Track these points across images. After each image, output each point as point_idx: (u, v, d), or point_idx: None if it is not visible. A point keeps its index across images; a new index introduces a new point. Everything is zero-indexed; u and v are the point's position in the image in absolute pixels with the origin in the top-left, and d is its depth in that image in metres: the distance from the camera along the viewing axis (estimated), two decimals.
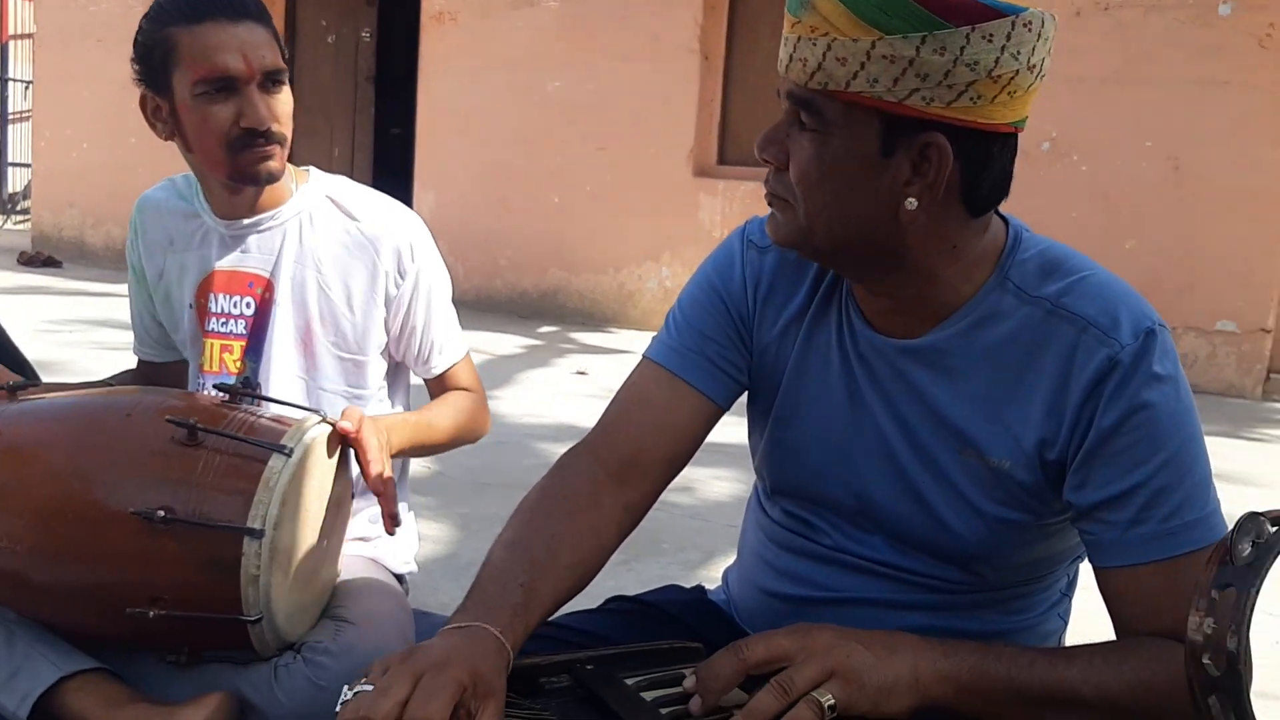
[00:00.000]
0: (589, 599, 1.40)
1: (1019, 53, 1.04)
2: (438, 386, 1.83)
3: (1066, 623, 1.34)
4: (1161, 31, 5.93)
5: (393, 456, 1.60)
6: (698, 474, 3.67)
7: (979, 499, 1.17)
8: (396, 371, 1.85)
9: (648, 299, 7.15)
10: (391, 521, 1.52)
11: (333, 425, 1.53)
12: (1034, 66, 1.06)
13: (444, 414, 1.76)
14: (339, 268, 1.72)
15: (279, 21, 8.59)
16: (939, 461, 1.18)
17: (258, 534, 1.39)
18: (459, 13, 7.69)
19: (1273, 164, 5.78)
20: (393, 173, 8.54)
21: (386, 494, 1.51)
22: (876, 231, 1.11)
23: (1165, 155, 5.96)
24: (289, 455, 1.44)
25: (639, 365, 1.32)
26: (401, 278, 1.73)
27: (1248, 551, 0.87)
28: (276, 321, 1.72)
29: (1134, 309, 1.12)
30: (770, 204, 1.18)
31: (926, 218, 1.10)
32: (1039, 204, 6.09)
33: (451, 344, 1.82)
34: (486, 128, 7.63)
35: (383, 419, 1.64)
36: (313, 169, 1.80)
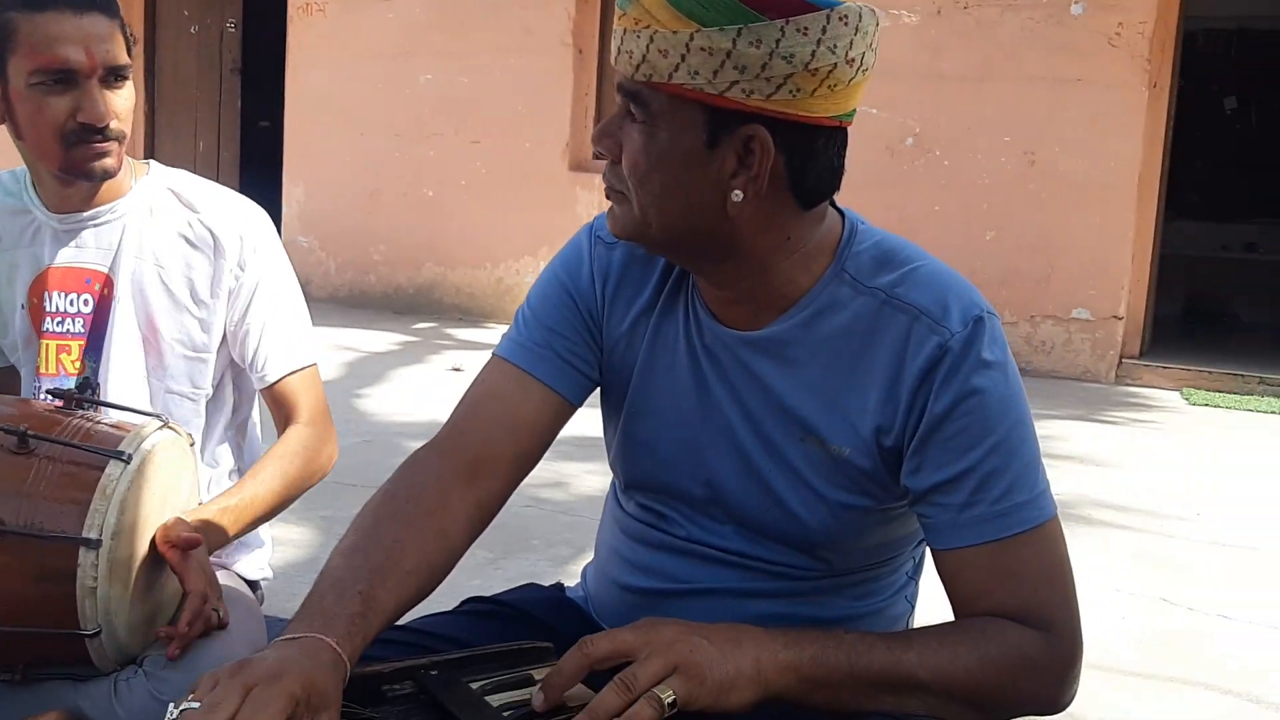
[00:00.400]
0: (450, 599, 1.39)
1: (835, 46, 1.05)
2: (272, 401, 1.73)
3: (914, 606, 1.36)
4: (1018, 30, 6.13)
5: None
6: (569, 469, 3.67)
7: (822, 486, 1.19)
8: (243, 373, 1.79)
9: (525, 294, 7.10)
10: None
11: (174, 430, 1.48)
12: (853, 60, 1.07)
13: (268, 479, 1.63)
14: (181, 262, 1.66)
15: (138, 11, 8.30)
16: (783, 450, 1.20)
17: (94, 544, 1.34)
18: (327, 3, 7.54)
19: (1123, 158, 6.03)
20: (261, 166, 8.33)
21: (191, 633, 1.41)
22: (707, 223, 1.12)
23: (1022, 150, 6.16)
24: (127, 462, 1.39)
25: (488, 363, 1.31)
26: (242, 270, 1.67)
27: None
28: (117, 319, 1.66)
29: (963, 297, 1.15)
30: (608, 197, 1.18)
31: (755, 209, 1.12)
32: (904, 197, 6.25)
33: (289, 351, 1.71)
34: (357, 120, 7.50)
35: (196, 516, 1.51)
36: (153, 162, 1.73)
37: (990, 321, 1.15)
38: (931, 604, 1.41)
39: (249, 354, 1.71)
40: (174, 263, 1.66)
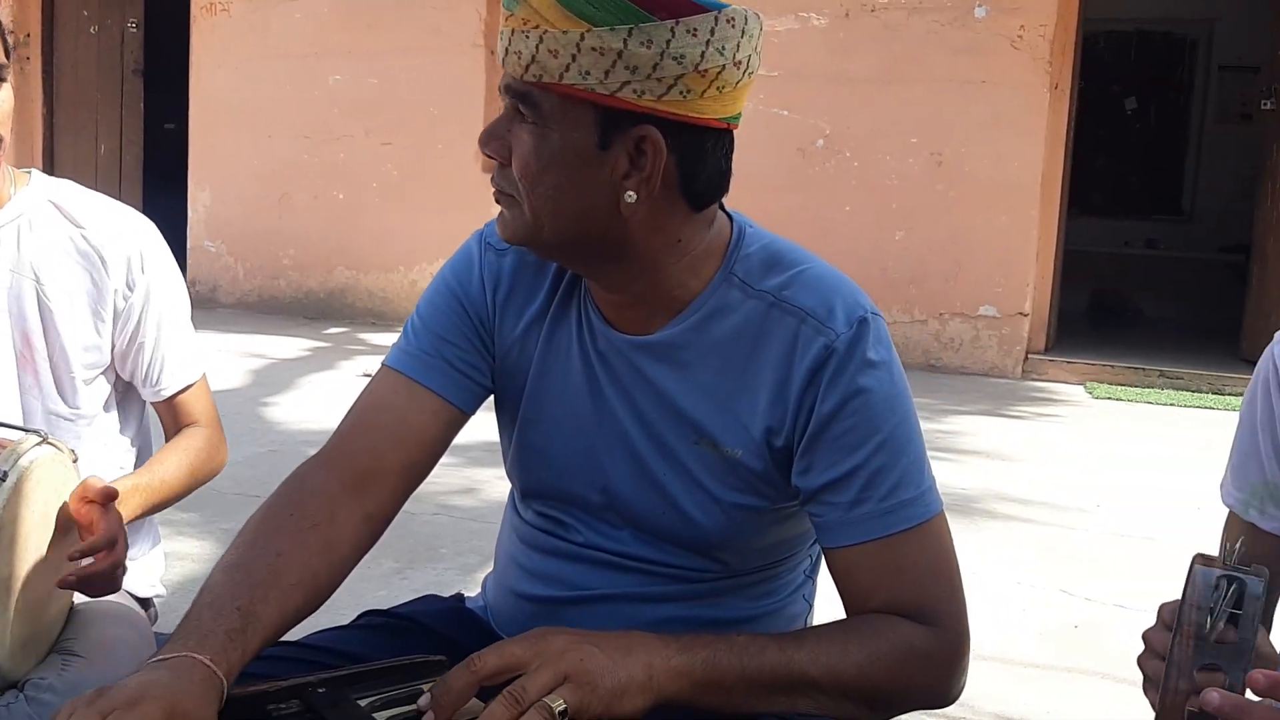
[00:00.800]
0: (354, 611, 1.37)
1: (724, 48, 1.07)
2: (167, 412, 1.72)
3: (811, 605, 1.38)
4: (923, 33, 6.23)
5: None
6: (480, 475, 3.64)
7: (715, 487, 1.19)
8: (129, 393, 1.75)
9: None
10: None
11: (55, 445, 1.44)
12: (740, 63, 1.09)
13: (175, 465, 1.65)
14: (61, 278, 1.61)
15: (34, 10, 8.06)
16: (676, 453, 1.20)
17: None
18: (231, 3, 7.39)
19: (1027, 158, 6.16)
20: (166, 170, 8.14)
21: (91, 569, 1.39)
22: (600, 224, 1.12)
23: (929, 151, 6.27)
24: (3, 479, 1.35)
25: (377, 374, 1.30)
26: (130, 290, 1.63)
27: (1223, 627, 0.86)
28: None
29: (848, 299, 1.17)
30: (498, 201, 1.17)
31: (647, 211, 1.12)
32: (814, 198, 6.32)
33: (183, 365, 1.71)
34: (265, 122, 7.37)
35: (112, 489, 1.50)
36: (35, 171, 1.68)
37: (875, 322, 1.17)
38: (831, 602, 1.43)
39: (141, 371, 1.68)
40: (54, 279, 1.61)
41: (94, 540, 1.39)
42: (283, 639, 1.14)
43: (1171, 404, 5.80)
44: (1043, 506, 3.91)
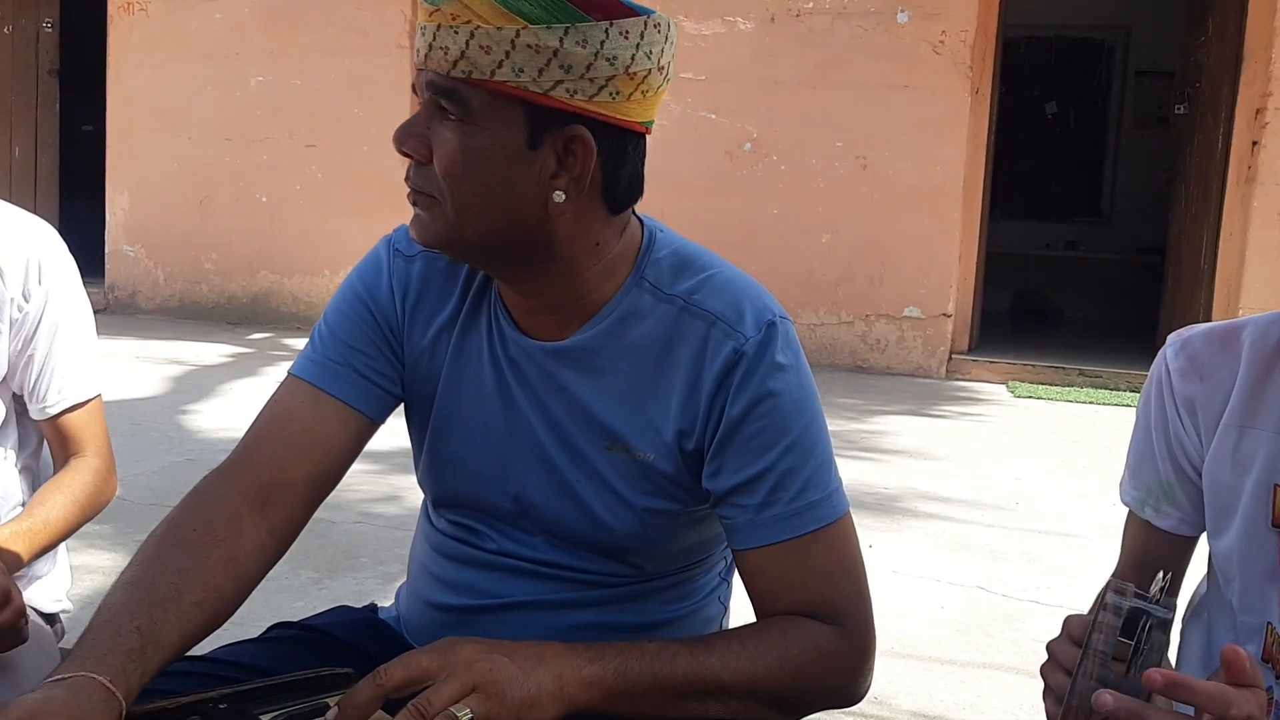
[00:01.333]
0: (266, 624, 1.35)
1: (650, 52, 1.08)
2: (54, 434, 1.65)
3: (727, 607, 1.38)
4: (848, 38, 6.30)
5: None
6: (403, 482, 3.60)
7: (628, 492, 1.20)
8: (25, 411, 1.69)
9: None
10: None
11: None
12: (663, 68, 1.11)
13: (60, 505, 1.58)
14: None
15: None
16: (588, 458, 1.20)
17: None
18: (149, 3, 7.25)
19: (949, 161, 6.26)
20: (83, 173, 7.96)
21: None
22: (526, 225, 1.12)
23: (855, 154, 6.34)
24: None
25: (282, 383, 1.27)
26: (26, 300, 1.57)
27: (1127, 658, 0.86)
28: None
29: (756, 303, 1.18)
30: (415, 203, 1.15)
31: (573, 212, 1.12)
32: (742, 201, 6.36)
33: (74, 382, 1.63)
34: (185, 124, 7.24)
35: None
36: None
37: (783, 326, 1.18)
38: (746, 603, 1.44)
39: (29, 385, 1.62)
40: None
41: None
42: (188, 653, 1.12)
43: (1091, 402, 5.92)
44: (963, 505, 3.97)
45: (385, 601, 1.49)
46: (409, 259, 1.27)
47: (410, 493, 3.59)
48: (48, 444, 1.69)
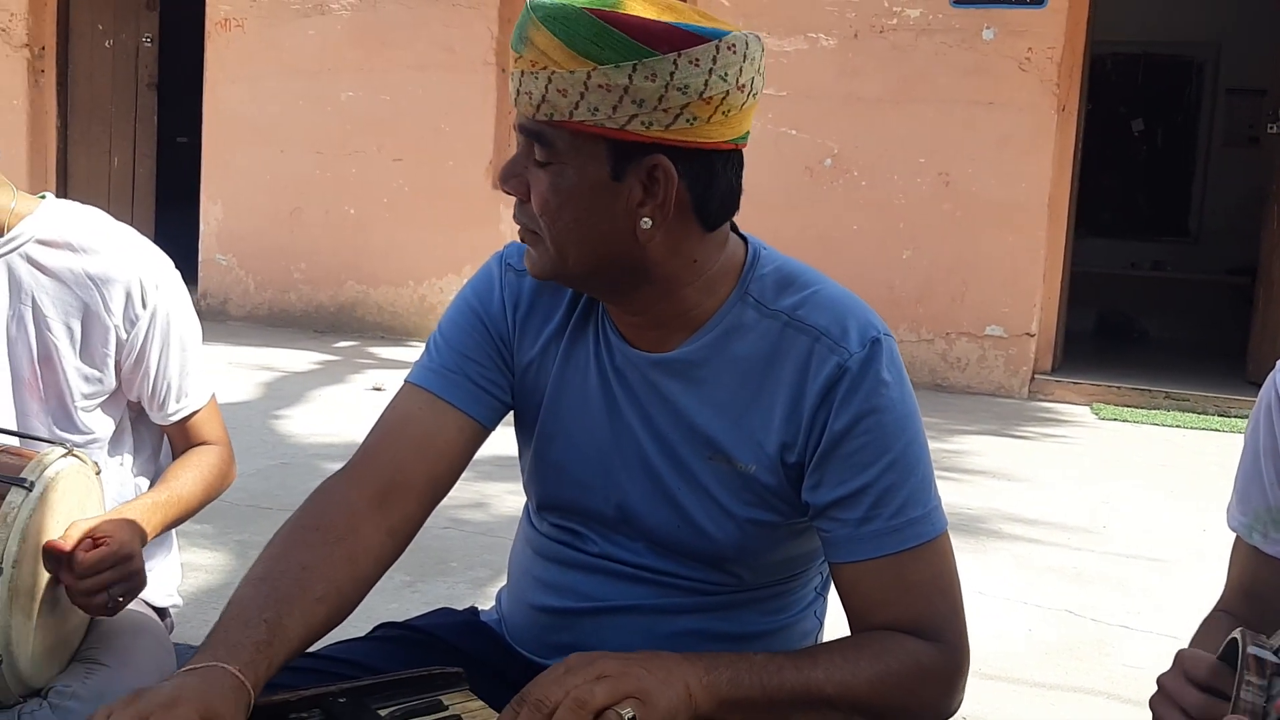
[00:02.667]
0: (366, 623, 1.39)
1: (726, 74, 1.10)
2: (178, 434, 1.74)
3: (822, 622, 1.40)
4: (932, 54, 6.27)
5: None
6: (490, 490, 3.66)
7: (729, 502, 1.22)
8: (143, 414, 1.77)
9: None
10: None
11: (79, 458, 1.46)
12: (744, 86, 1.12)
13: (191, 482, 1.68)
14: (62, 308, 1.61)
15: (50, 24, 8.12)
16: (691, 468, 1.23)
17: None
18: (245, 18, 7.45)
19: (1033, 178, 6.19)
20: (178, 183, 8.19)
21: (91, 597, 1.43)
22: (619, 252, 1.16)
23: (937, 171, 6.30)
24: (30, 489, 1.38)
25: (400, 390, 1.32)
26: (134, 322, 1.64)
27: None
28: None
29: (861, 319, 1.20)
30: (523, 238, 1.21)
31: (663, 235, 1.16)
32: (823, 217, 6.35)
33: (192, 390, 1.72)
34: (278, 137, 7.42)
35: (130, 509, 1.55)
36: (49, 196, 1.68)
37: (887, 343, 1.20)
38: (840, 620, 1.45)
39: (148, 398, 1.70)
40: (56, 310, 1.62)
41: (107, 553, 1.42)
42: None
43: (1177, 425, 5.80)
44: (1049, 527, 3.92)
45: (479, 605, 1.53)
46: (520, 273, 1.31)
47: (497, 501, 3.64)
48: (170, 441, 1.77)
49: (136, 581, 1.47)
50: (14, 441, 1.54)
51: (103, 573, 1.42)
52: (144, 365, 1.66)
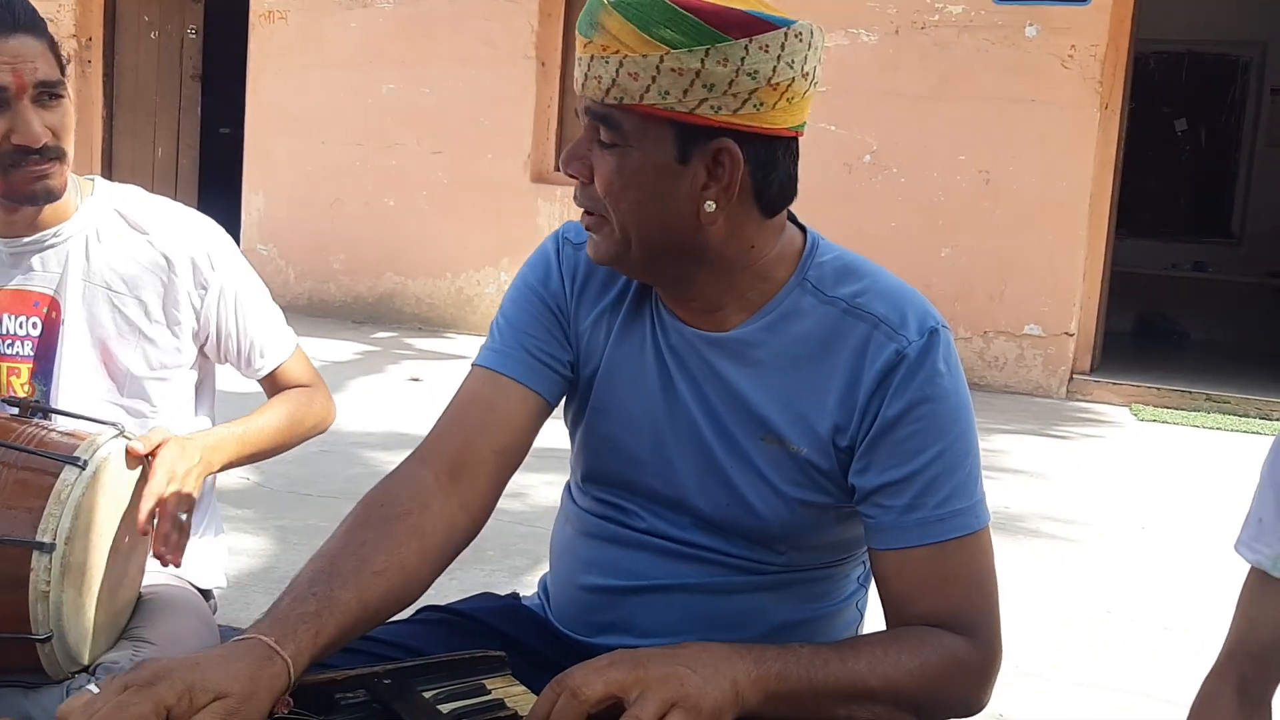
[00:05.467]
0: (406, 610, 1.40)
1: (793, 61, 1.12)
2: (270, 386, 1.80)
3: (863, 614, 1.40)
4: (974, 51, 6.23)
5: (220, 470, 1.61)
6: (529, 480, 3.68)
7: (780, 482, 1.23)
8: (202, 383, 1.81)
9: (486, 304, 7.12)
10: (166, 559, 1.50)
11: (129, 440, 1.49)
12: (807, 74, 1.14)
13: (272, 417, 1.73)
14: (131, 285, 1.66)
15: (97, 16, 8.23)
16: (743, 447, 1.24)
17: (48, 548, 1.34)
18: (289, 11, 7.51)
19: (1074, 176, 6.13)
20: (220, 174, 8.28)
21: (158, 533, 1.47)
22: (681, 235, 1.18)
23: (977, 168, 6.25)
24: (83, 468, 1.40)
25: (467, 374, 1.34)
26: (204, 290, 1.69)
27: None
28: (65, 342, 1.65)
29: (919, 309, 1.22)
30: (586, 225, 1.23)
31: (725, 219, 1.17)
32: (861, 213, 6.32)
33: (275, 343, 1.78)
34: (319, 129, 7.48)
35: (202, 438, 1.59)
36: (98, 179, 1.72)
37: (944, 334, 1.21)
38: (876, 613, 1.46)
39: (234, 355, 1.76)
40: (125, 286, 1.66)
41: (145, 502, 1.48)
42: None
43: (1218, 428, 5.74)
44: (1087, 527, 3.89)
45: (519, 592, 1.54)
46: (577, 246, 1.33)
47: (533, 491, 3.66)
48: (265, 394, 1.82)
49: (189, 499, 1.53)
50: (70, 423, 1.57)
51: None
52: (225, 329, 1.72)
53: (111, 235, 1.67)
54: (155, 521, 1.49)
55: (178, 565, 1.52)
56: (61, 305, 1.65)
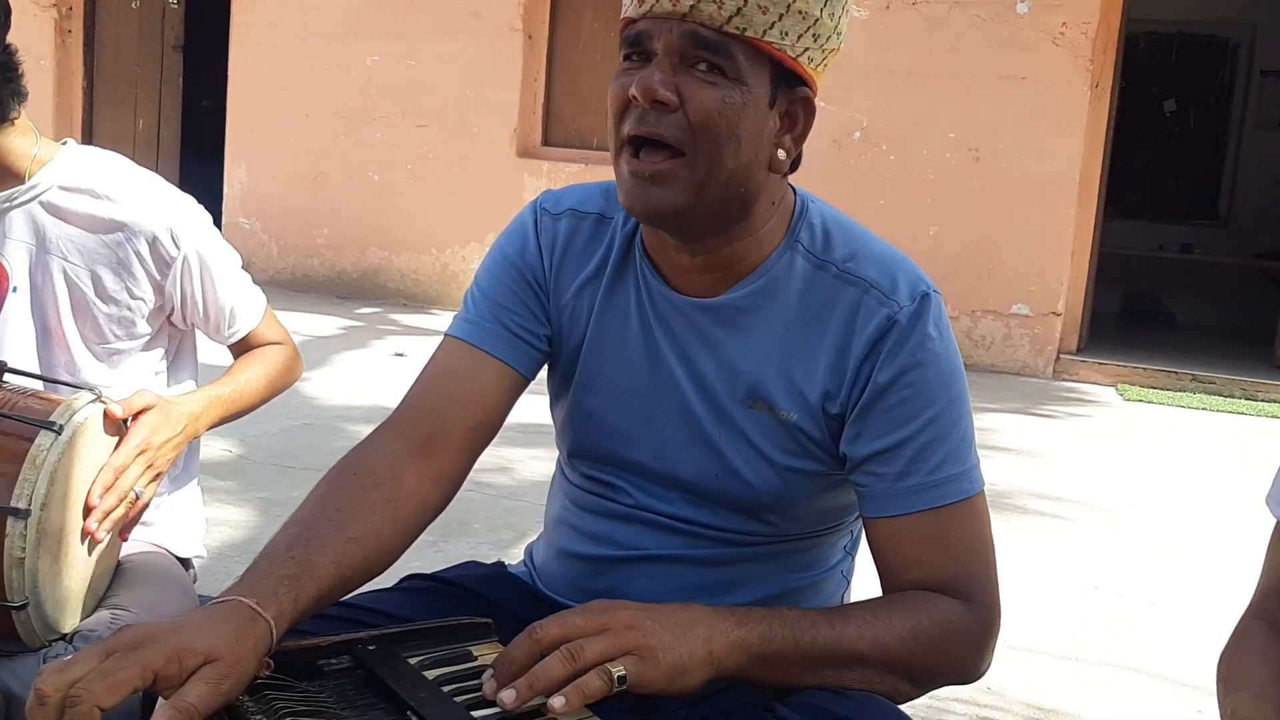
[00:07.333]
0: (390, 578, 1.38)
1: (842, 29, 1.16)
2: (241, 350, 1.77)
3: (849, 581, 1.39)
4: (965, 27, 6.20)
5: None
6: (514, 454, 3.66)
7: (770, 450, 1.21)
8: (180, 351, 1.77)
9: (471, 280, 7.06)
10: (122, 531, 1.48)
11: (107, 404, 1.46)
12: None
13: (254, 376, 1.72)
14: (88, 256, 1.60)
15: None
16: (732, 415, 1.22)
17: (23, 514, 1.31)
18: None
19: (1064, 155, 6.12)
20: (202, 146, 8.21)
21: (100, 508, 1.44)
22: (752, 183, 1.15)
23: (967, 146, 6.24)
24: (58, 433, 1.37)
25: (440, 344, 1.31)
26: (167, 266, 1.64)
27: None
28: (10, 312, 1.60)
29: (910, 274, 1.19)
30: (655, 172, 1.12)
31: (779, 171, 1.17)
32: (850, 190, 6.29)
33: (245, 309, 1.74)
34: (302, 101, 7.41)
35: (189, 403, 1.56)
36: (70, 143, 1.66)
37: (936, 299, 1.19)
38: (866, 581, 1.44)
39: (205, 325, 1.73)
40: (81, 257, 1.60)
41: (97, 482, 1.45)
42: None
43: (1203, 408, 5.76)
44: (1074, 504, 3.90)
45: (505, 561, 1.52)
46: (555, 216, 1.30)
47: (521, 465, 3.64)
48: (234, 358, 1.80)
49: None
50: (44, 387, 1.54)
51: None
52: (193, 301, 1.68)
53: (71, 202, 1.60)
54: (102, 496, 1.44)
55: (124, 539, 1.50)
56: (9, 273, 1.60)
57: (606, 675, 1.00)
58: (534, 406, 1.30)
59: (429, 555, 2.70)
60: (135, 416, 1.49)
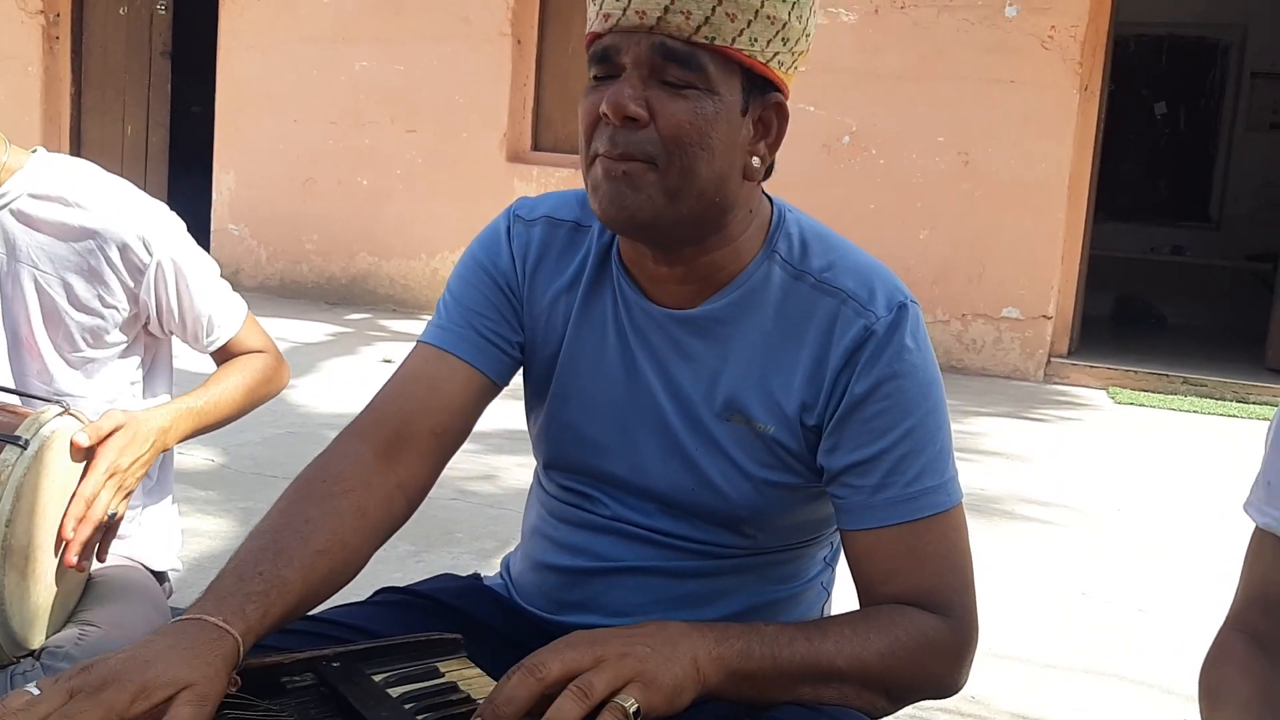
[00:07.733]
0: (369, 591, 1.36)
1: (810, 31, 1.14)
2: (222, 356, 1.75)
3: (830, 594, 1.37)
4: (953, 31, 6.19)
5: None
6: (499, 461, 3.64)
7: (748, 464, 1.19)
8: (155, 360, 1.75)
9: None
10: (99, 552, 1.46)
11: (75, 417, 1.44)
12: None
13: (231, 385, 1.69)
14: (58, 264, 1.59)
15: None
16: (708, 428, 1.20)
17: None
18: None
19: (1054, 159, 6.11)
20: (191, 153, 8.18)
21: (76, 539, 1.42)
22: (727, 191, 1.13)
23: (956, 150, 6.23)
24: (24, 447, 1.35)
25: (411, 350, 1.30)
26: (139, 274, 1.62)
27: None
28: None
29: (888, 284, 1.18)
30: (625, 175, 1.10)
31: (753, 180, 1.15)
32: (840, 195, 6.29)
33: (224, 317, 1.72)
34: (291, 107, 7.39)
35: (156, 417, 1.54)
36: (40, 150, 1.65)
37: (913, 309, 1.18)
38: (847, 592, 1.42)
39: (183, 334, 1.71)
40: (51, 265, 1.59)
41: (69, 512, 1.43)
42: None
43: (1195, 411, 5.75)
44: (1063, 509, 3.88)
45: (483, 573, 1.50)
46: (529, 223, 1.28)
47: (504, 473, 3.62)
48: (216, 365, 1.78)
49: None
50: (12, 400, 1.52)
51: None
52: (168, 309, 1.66)
53: (42, 210, 1.59)
54: (75, 527, 1.42)
55: (101, 560, 1.47)
56: None
57: (621, 711, 0.97)
58: (518, 413, 1.29)
59: (410, 566, 2.68)
60: (103, 440, 1.46)
